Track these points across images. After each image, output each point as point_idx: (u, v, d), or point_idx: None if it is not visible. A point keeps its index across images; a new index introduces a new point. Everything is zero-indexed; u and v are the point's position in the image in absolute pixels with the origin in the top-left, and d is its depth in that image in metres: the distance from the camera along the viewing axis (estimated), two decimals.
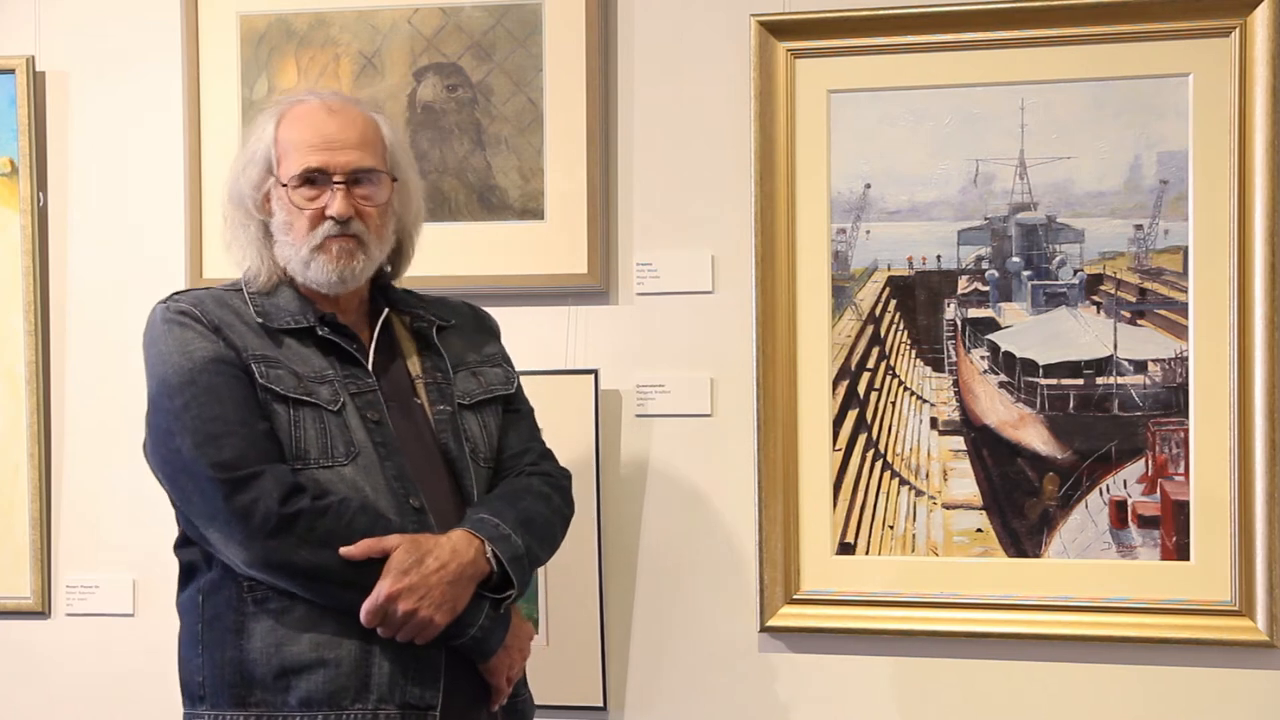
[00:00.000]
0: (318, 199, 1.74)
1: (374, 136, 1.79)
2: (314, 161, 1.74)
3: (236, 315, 1.75)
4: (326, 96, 1.81)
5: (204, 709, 1.71)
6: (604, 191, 2.33)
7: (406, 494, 1.72)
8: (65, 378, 2.49)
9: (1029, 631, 2.20)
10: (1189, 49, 2.17)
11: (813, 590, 2.27)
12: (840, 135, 2.27)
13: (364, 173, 1.76)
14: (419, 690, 1.68)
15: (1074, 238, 2.22)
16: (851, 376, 2.28)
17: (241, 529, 1.62)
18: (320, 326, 1.76)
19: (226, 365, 1.69)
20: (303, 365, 1.73)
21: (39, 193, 2.48)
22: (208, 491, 1.63)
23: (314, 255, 1.74)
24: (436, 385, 1.84)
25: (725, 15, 2.30)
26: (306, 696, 1.65)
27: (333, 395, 1.72)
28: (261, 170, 1.77)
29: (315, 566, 1.63)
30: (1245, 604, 2.15)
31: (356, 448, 1.71)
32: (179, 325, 1.71)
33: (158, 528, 2.43)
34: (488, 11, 2.36)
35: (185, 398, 1.66)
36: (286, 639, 1.66)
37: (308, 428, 1.69)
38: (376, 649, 1.67)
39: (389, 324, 1.85)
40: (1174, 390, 2.19)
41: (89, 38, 2.49)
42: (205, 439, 1.64)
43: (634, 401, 2.33)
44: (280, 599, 1.67)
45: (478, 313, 2.00)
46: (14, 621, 2.50)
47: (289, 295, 1.78)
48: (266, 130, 1.78)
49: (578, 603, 2.30)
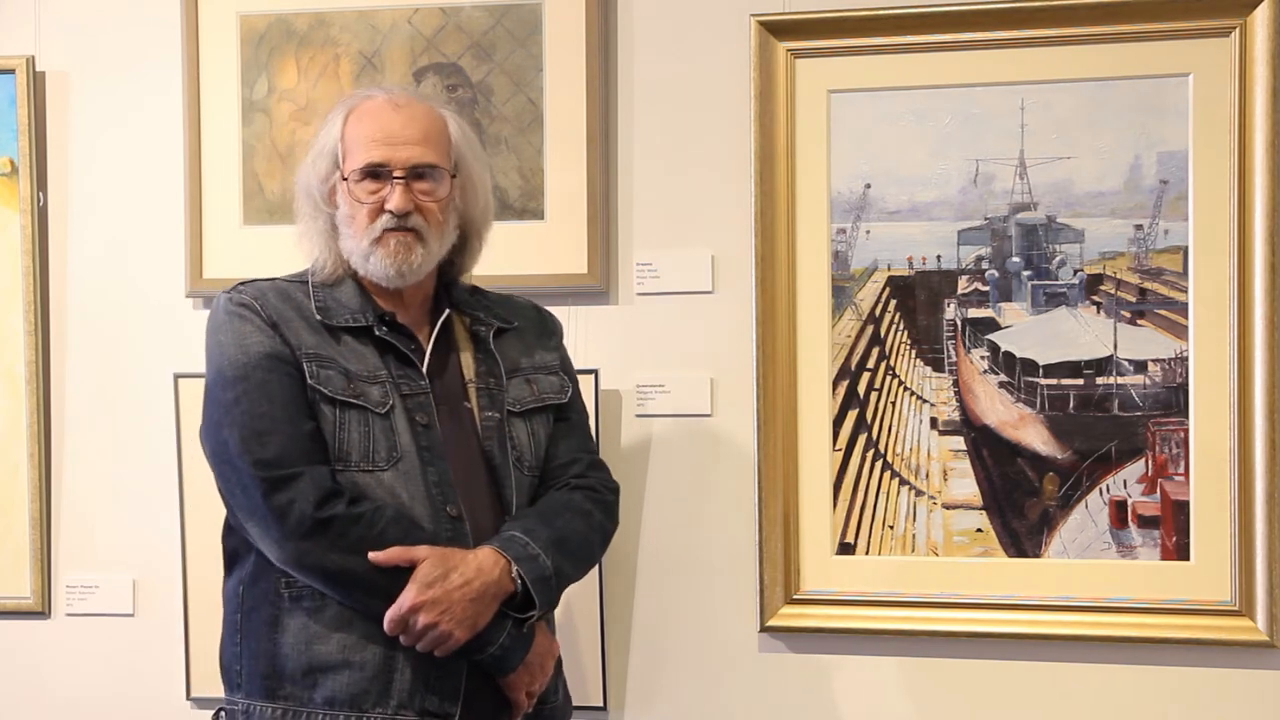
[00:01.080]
0: (378, 193, 1.77)
1: (438, 132, 1.81)
2: (376, 156, 1.76)
3: (297, 310, 1.77)
4: (394, 92, 1.83)
5: (239, 696, 1.75)
6: (604, 191, 2.33)
7: (445, 501, 1.73)
8: (65, 378, 2.49)
9: (1029, 631, 2.20)
10: (1189, 49, 2.17)
11: (813, 590, 2.27)
12: (840, 135, 2.27)
13: (425, 168, 1.78)
14: (438, 700, 1.70)
15: (1074, 238, 2.22)
16: (851, 376, 2.28)
17: (277, 528, 1.65)
18: (379, 326, 1.78)
19: (280, 362, 1.71)
20: (357, 364, 1.75)
21: (39, 193, 2.48)
22: (249, 487, 1.67)
23: (373, 248, 1.77)
24: (488, 391, 1.85)
25: (725, 15, 2.30)
26: (331, 696, 1.68)
27: (383, 397, 1.74)
28: (329, 164, 1.80)
29: (344, 571, 1.66)
30: (1245, 604, 2.15)
31: (399, 452, 1.73)
32: (239, 318, 1.74)
33: (158, 528, 2.45)
34: (488, 11, 2.36)
35: (237, 391, 1.70)
36: (317, 637, 1.69)
37: (352, 430, 1.71)
38: (400, 656, 1.69)
39: (449, 324, 1.86)
40: (1174, 390, 2.19)
41: (89, 38, 2.49)
42: (251, 435, 1.67)
43: (634, 401, 2.33)
44: (315, 597, 1.70)
45: (542, 314, 2.01)
46: (14, 621, 2.50)
47: (351, 290, 1.80)
48: (335, 125, 1.81)
49: (578, 603, 2.30)
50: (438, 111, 1.83)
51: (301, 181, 1.84)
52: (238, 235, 2.41)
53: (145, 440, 2.46)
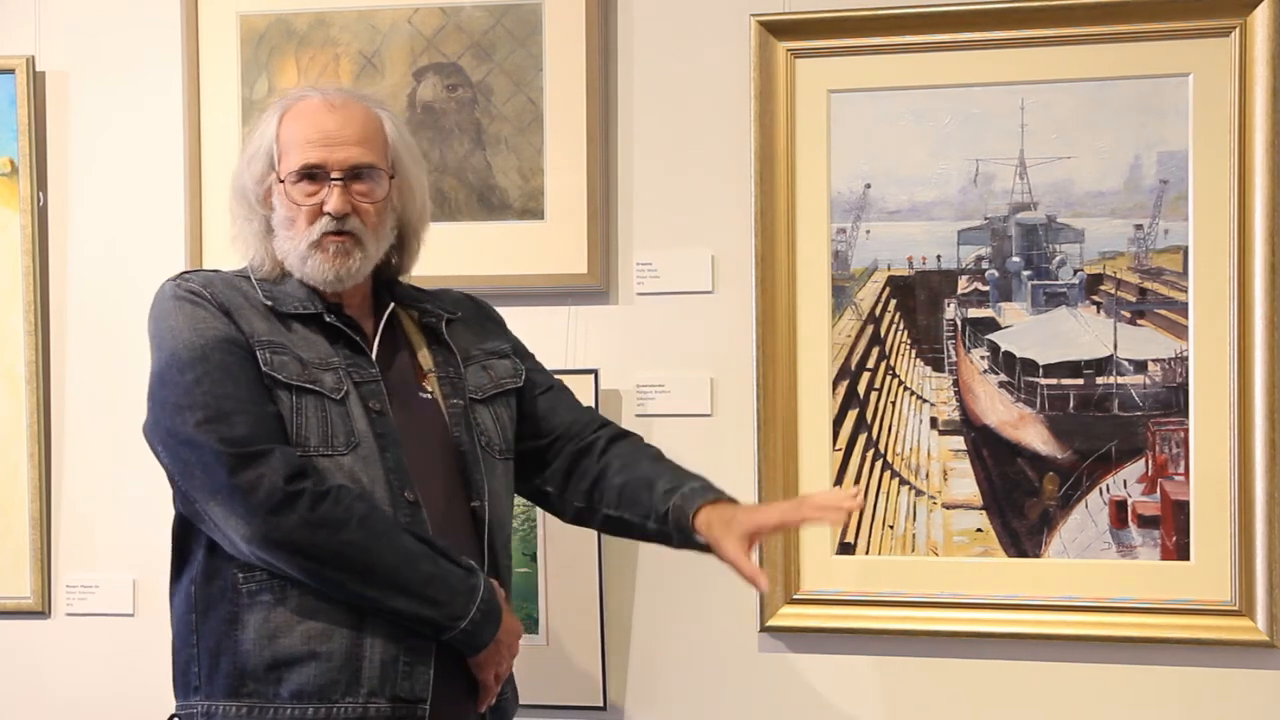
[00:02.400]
0: (315, 195, 1.75)
1: (374, 132, 1.79)
2: (313, 157, 1.74)
3: (245, 299, 1.76)
4: (329, 93, 1.81)
5: (198, 699, 1.72)
6: (604, 191, 2.33)
7: (402, 487, 1.72)
8: (65, 378, 2.49)
9: (1029, 631, 2.20)
10: (1189, 49, 2.17)
11: (813, 590, 2.27)
12: (840, 135, 2.27)
13: (362, 169, 1.76)
14: (409, 684, 1.68)
15: (1074, 238, 2.22)
16: (851, 376, 2.28)
17: (243, 504, 1.62)
18: (327, 314, 1.77)
19: (236, 346, 1.70)
20: (309, 351, 1.74)
21: (39, 193, 2.48)
22: (212, 465, 1.64)
23: (311, 252, 1.75)
24: (449, 379, 1.85)
25: (725, 15, 2.30)
26: (298, 689, 1.66)
27: (336, 383, 1.73)
28: (264, 166, 1.78)
29: (315, 545, 1.63)
30: (1245, 604, 2.15)
31: (357, 437, 1.71)
32: (190, 303, 1.72)
33: (158, 528, 2.43)
34: (488, 11, 2.36)
35: (197, 373, 1.67)
36: (280, 630, 1.67)
37: (309, 415, 1.70)
38: (367, 642, 1.67)
39: (393, 317, 1.86)
40: (1174, 390, 2.19)
41: (89, 38, 2.49)
42: (216, 415, 1.65)
43: (634, 401, 2.33)
44: (274, 590, 1.68)
45: (479, 304, 2.01)
46: (14, 621, 2.50)
47: (295, 283, 1.79)
48: (269, 126, 1.78)
49: (578, 603, 2.30)
50: (374, 111, 1.82)
51: (236, 182, 1.81)
52: None
53: (145, 440, 2.45)
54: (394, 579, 1.66)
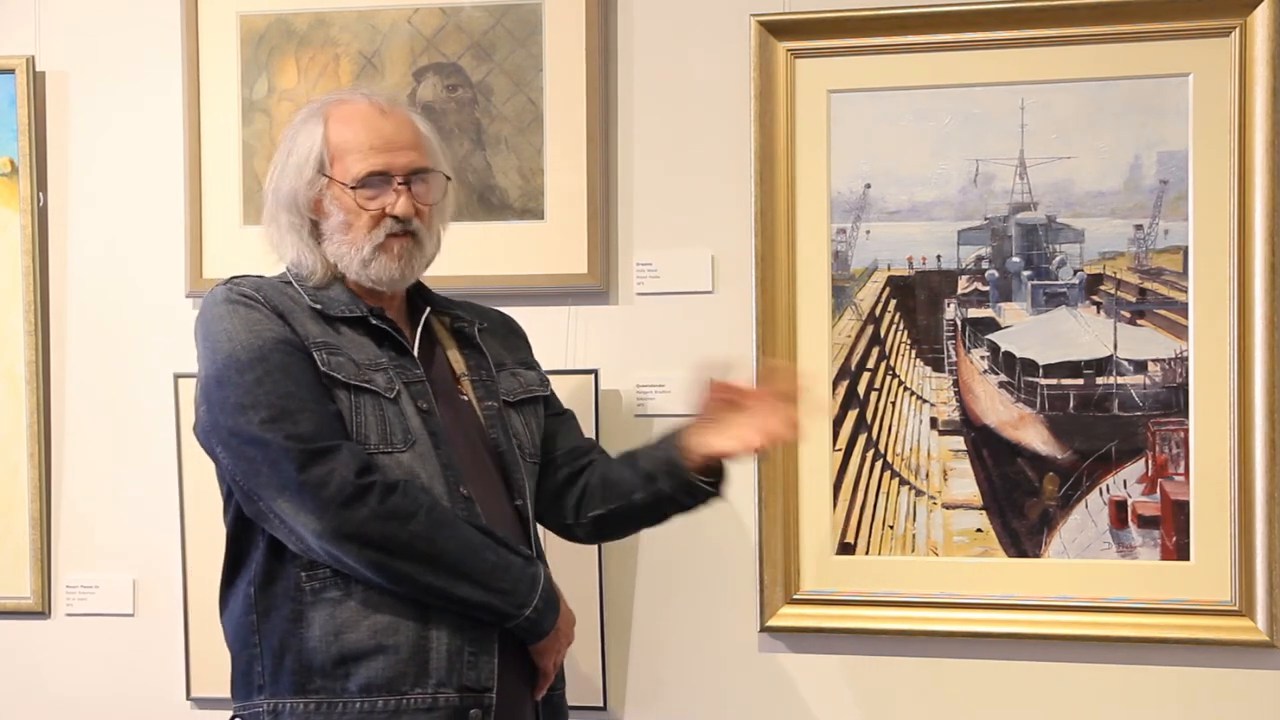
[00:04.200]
0: (376, 199, 1.77)
1: (425, 138, 1.84)
2: (378, 164, 1.77)
3: (294, 303, 1.77)
4: (374, 97, 1.83)
5: (261, 699, 1.73)
6: (604, 191, 2.33)
7: (458, 482, 1.75)
8: (65, 378, 2.49)
9: (1029, 631, 2.20)
10: (1189, 49, 2.17)
11: (813, 590, 2.27)
12: (840, 135, 2.27)
13: (424, 172, 1.80)
14: (475, 673, 1.71)
15: (1074, 238, 2.22)
16: (851, 376, 2.28)
17: (314, 498, 1.64)
18: (373, 317, 1.79)
19: (294, 348, 1.71)
20: (360, 352, 1.76)
21: (39, 193, 2.48)
22: (280, 462, 1.65)
23: (376, 254, 1.78)
24: (482, 382, 1.88)
25: (725, 15, 2.30)
26: (366, 683, 1.68)
27: (388, 383, 1.75)
28: (314, 171, 1.79)
29: (387, 538, 1.65)
30: (1245, 604, 2.15)
31: (413, 435, 1.74)
32: (244, 305, 1.73)
33: (158, 528, 2.45)
34: (488, 11, 2.36)
35: (258, 373, 1.68)
36: (346, 625, 1.69)
37: (368, 414, 1.72)
38: (433, 633, 1.70)
39: (428, 322, 1.89)
40: (1174, 390, 2.19)
41: (89, 38, 2.49)
42: (281, 413, 1.66)
43: (634, 401, 2.33)
44: (339, 586, 1.69)
45: (505, 318, 2.05)
46: (14, 621, 2.50)
47: (339, 289, 1.81)
48: (314, 131, 1.79)
49: (578, 603, 2.28)
50: (416, 117, 1.86)
51: (281, 189, 1.81)
52: (237, 235, 2.41)
53: (145, 440, 2.46)
54: (460, 568, 1.68)
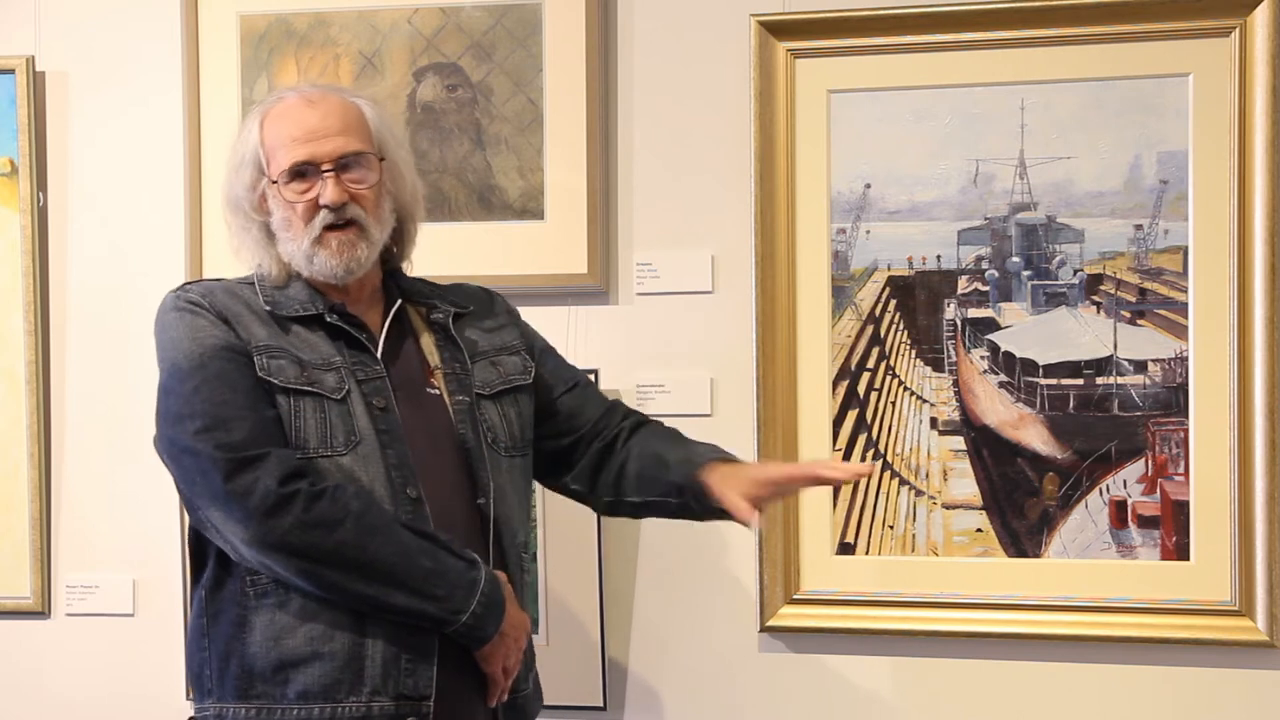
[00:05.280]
0: (309, 191, 1.76)
1: (356, 121, 1.80)
2: (300, 155, 1.75)
3: (245, 305, 1.77)
4: (305, 90, 1.82)
5: (210, 702, 1.74)
6: (604, 191, 2.33)
7: (404, 483, 1.73)
8: (65, 378, 2.49)
9: (1029, 631, 2.20)
10: (1189, 49, 2.16)
11: (813, 590, 2.27)
12: (840, 135, 2.27)
13: (351, 157, 1.77)
14: (413, 681, 1.69)
15: (1074, 238, 2.22)
16: (851, 376, 2.28)
17: (239, 508, 1.64)
18: (329, 314, 1.78)
19: (235, 353, 1.71)
20: (309, 352, 1.75)
21: (39, 193, 2.48)
22: (209, 472, 1.66)
23: (315, 249, 1.76)
24: (455, 375, 1.85)
25: (725, 15, 2.30)
26: (303, 689, 1.68)
27: (338, 383, 1.74)
28: (253, 172, 1.79)
29: (310, 546, 1.64)
30: (1245, 604, 2.15)
31: (358, 436, 1.72)
32: (190, 313, 1.74)
33: (158, 528, 2.45)
34: (488, 11, 2.36)
35: (196, 381, 1.69)
36: (284, 631, 1.69)
37: (307, 418, 1.71)
38: (369, 642, 1.69)
39: (402, 313, 1.87)
40: (1174, 390, 2.19)
41: (89, 38, 2.49)
42: (215, 422, 1.67)
43: (634, 401, 2.32)
44: (279, 591, 1.69)
45: (493, 296, 2.02)
46: (14, 621, 2.50)
47: (300, 286, 1.80)
48: (251, 132, 1.79)
49: (578, 603, 2.30)
50: (352, 101, 1.83)
51: (227, 194, 1.82)
52: None
53: (145, 440, 2.43)
54: (391, 575, 1.66)
